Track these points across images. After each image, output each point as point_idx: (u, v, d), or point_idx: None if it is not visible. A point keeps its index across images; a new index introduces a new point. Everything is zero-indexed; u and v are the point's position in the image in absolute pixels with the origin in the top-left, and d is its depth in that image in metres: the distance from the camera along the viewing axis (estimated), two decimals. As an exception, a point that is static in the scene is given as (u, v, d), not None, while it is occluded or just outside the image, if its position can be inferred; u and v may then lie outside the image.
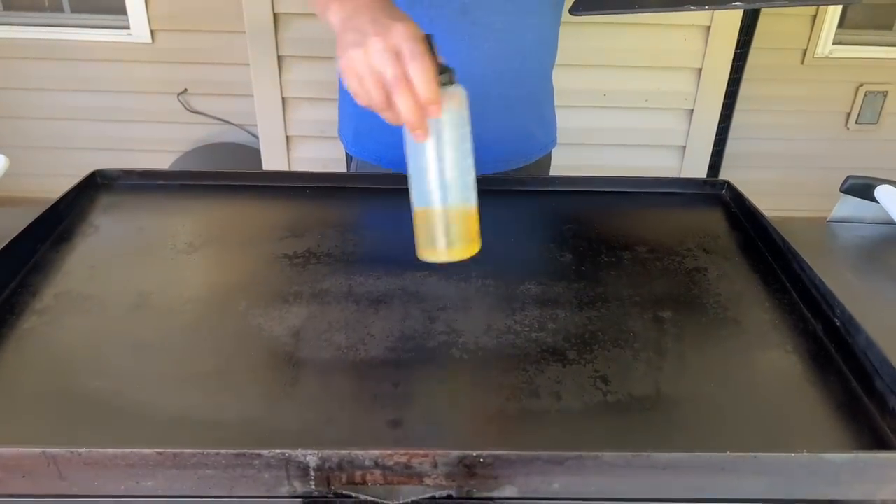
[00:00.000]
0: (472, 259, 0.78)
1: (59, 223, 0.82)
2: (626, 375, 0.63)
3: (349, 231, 0.84)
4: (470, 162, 0.63)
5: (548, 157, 1.14)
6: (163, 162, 2.35)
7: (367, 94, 0.59)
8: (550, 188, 0.94)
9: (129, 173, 0.91)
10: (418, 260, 0.78)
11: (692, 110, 1.99)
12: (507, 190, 0.95)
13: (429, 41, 0.59)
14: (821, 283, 0.70)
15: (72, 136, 2.46)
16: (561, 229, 0.86)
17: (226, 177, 0.93)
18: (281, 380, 0.62)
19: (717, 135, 2.10)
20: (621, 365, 0.64)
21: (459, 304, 0.71)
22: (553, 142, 1.14)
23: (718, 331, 0.69)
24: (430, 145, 0.60)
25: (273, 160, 1.98)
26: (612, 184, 0.95)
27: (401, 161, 0.64)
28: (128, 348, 0.65)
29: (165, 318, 0.68)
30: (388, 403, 0.59)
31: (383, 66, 0.57)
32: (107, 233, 0.82)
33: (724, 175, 2.31)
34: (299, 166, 2.01)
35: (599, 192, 0.94)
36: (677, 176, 2.08)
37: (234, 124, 2.42)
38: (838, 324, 0.67)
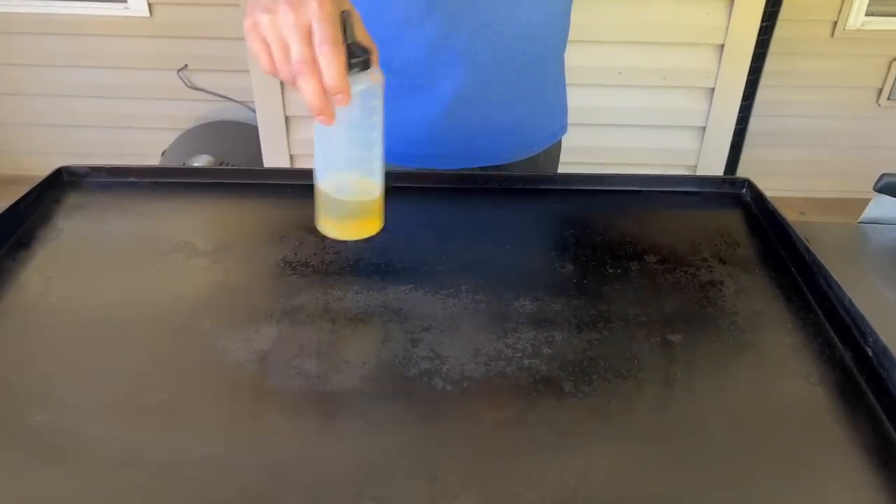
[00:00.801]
0: (464, 270, 0.72)
1: (18, 226, 0.76)
2: (629, 411, 0.56)
3: (331, 237, 0.76)
4: (377, 151, 0.62)
5: (557, 145, 1.06)
6: (163, 140, 2.29)
7: (270, 64, 0.55)
8: (551, 187, 0.86)
9: (97, 170, 0.84)
10: (404, 272, 0.71)
11: (713, 89, 1.89)
12: (503, 189, 0.87)
13: (344, 20, 0.54)
14: (851, 304, 0.62)
15: (69, 113, 2.40)
16: (562, 235, 0.79)
17: (199, 174, 0.86)
18: (243, 414, 0.56)
19: (739, 113, 1.99)
20: (623, 398, 0.58)
21: (445, 324, 0.65)
22: (563, 128, 1.05)
23: (734, 358, 0.62)
24: (333, 128, 0.57)
25: (272, 141, 1.91)
26: (620, 182, 0.87)
27: None
28: (78, 375, 0.59)
29: (123, 339, 0.62)
30: (360, 443, 0.53)
31: (291, 41, 0.53)
32: (70, 237, 0.76)
33: (746, 155, 2.20)
34: (299, 149, 1.93)
35: (606, 191, 0.86)
36: (695, 161, 1.99)
37: (235, 101, 2.34)
38: (870, 353, 0.59)
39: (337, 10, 0.54)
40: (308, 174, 0.87)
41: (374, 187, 0.64)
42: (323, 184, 0.64)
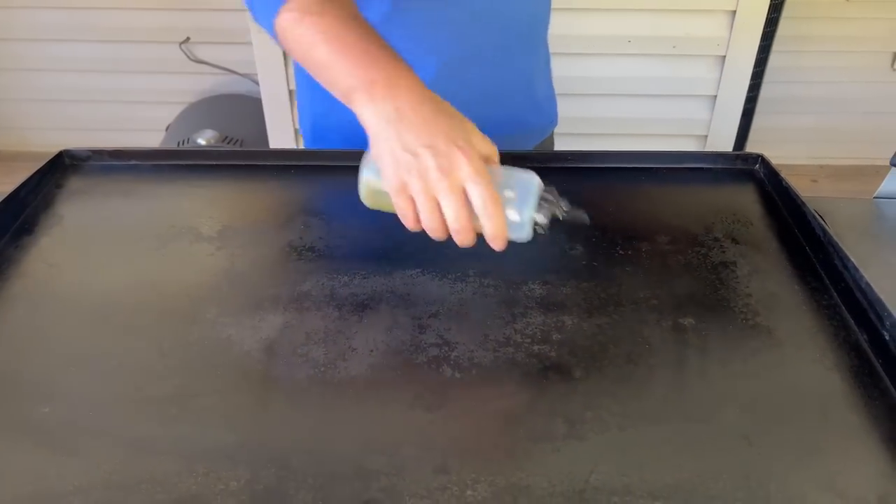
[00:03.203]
0: (471, 254, 0.70)
1: (20, 213, 0.75)
2: (640, 397, 0.56)
3: (336, 219, 0.76)
4: None
5: (548, 140, 1.01)
6: (167, 114, 2.27)
7: (417, 224, 0.57)
8: (559, 165, 0.84)
9: (98, 153, 0.83)
10: (410, 255, 0.70)
11: (724, 57, 1.84)
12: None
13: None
14: (868, 287, 0.61)
15: (70, 88, 2.38)
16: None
17: (202, 156, 0.85)
18: (250, 404, 0.55)
19: (750, 80, 1.95)
20: (634, 385, 0.57)
21: (453, 310, 0.64)
22: (552, 122, 0.99)
23: (747, 342, 0.61)
24: None
25: (276, 116, 1.89)
26: (629, 159, 0.85)
27: None
28: (84, 365, 0.58)
29: (128, 328, 0.62)
30: (367, 433, 0.52)
31: (447, 208, 0.54)
32: (72, 223, 0.75)
33: (757, 122, 2.16)
34: (304, 122, 1.91)
35: (615, 168, 0.84)
36: (705, 130, 1.95)
37: (239, 74, 2.31)
38: (887, 337, 0.58)
39: (482, 158, 0.55)
40: (313, 155, 0.86)
41: None
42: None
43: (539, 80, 0.94)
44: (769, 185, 0.82)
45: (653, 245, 0.72)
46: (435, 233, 0.56)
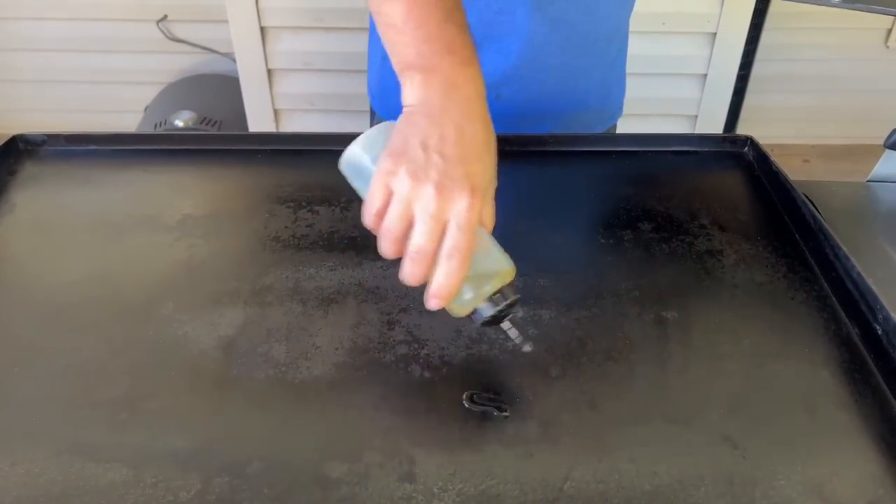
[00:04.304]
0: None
1: (-31, 201, 0.71)
2: (619, 397, 0.53)
3: (303, 207, 0.72)
4: None
5: (612, 128, 0.96)
6: (145, 94, 2.20)
7: (377, 219, 0.49)
8: (538, 148, 0.81)
9: (54, 137, 0.79)
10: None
11: (715, 34, 1.80)
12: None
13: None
14: (860, 277, 0.58)
15: (45, 68, 2.31)
16: (551, 200, 0.74)
17: (162, 140, 0.80)
18: (204, 408, 0.52)
19: (742, 58, 1.90)
20: (613, 384, 0.54)
21: (424, 304, 0.60)
22: (618, 112, 0.95)
23: (733, 337, 0.58)
24: None
25: (254, 96, 1.83)
26: (611, 143, 0.82)
27: None
28: (29, 365, 0.55)
29: (77, 325, 0.58)
30: (330, 438, 0.49)
31: (419, 227, 0.47)
32: (24, 212, 0.71)
33: (748, 101, 2.12)
34: (284, 103, 1.86)
35: (596, 151, 0.81)
36: (696, 110, 1.91)
37: (218, 53, 2.25)
38: (879, 332, 0.55)
39: (479, 218, 0.48)
40: (281, 139, 0.82)
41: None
42: None
43: (614, 69, 0.90)
44: (758, 168, 0.79)
45: (635, 233, 0.69)
46: (388, 242, 0.49)
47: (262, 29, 1.74)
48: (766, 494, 0.46)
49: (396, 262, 0.64)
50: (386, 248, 0.49)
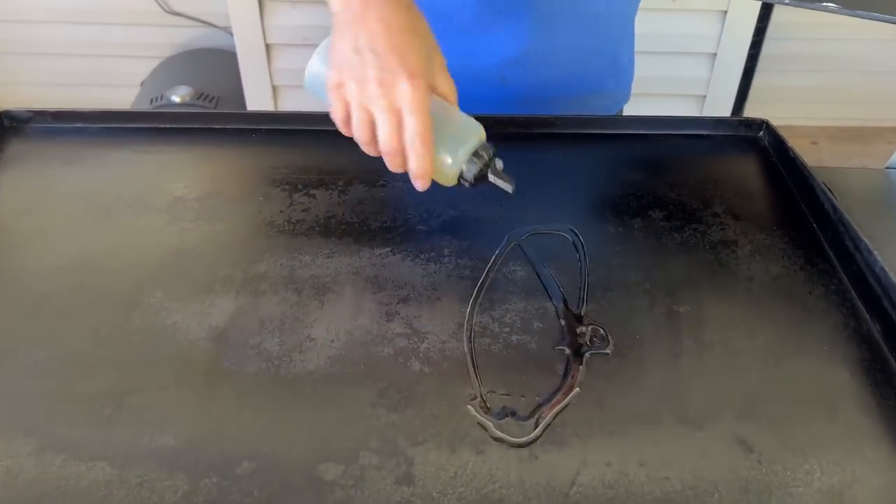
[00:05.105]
0: (447, 230, 0.64)
1: (-49, 181, 0.68)
2: (629, 396, 0.50)
3: (299, 190, 0.69)
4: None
5: (620, 112, 0.93)
6: (141, 69, 2.16)
7: (346, 127, 0.55)
8: (545, 131, 0.77)
9: (41, 114, 0.75)
10: (380, 232, 0.64)
11: (725, 12, 1.75)
12: (491, 135, 0.78)
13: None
14: (882, 271, 0.55)
15: (39, 40, 2.26)
16: (559, 187, 0.71)
17: (152, 118, 0.77)
18: (192, 403, 0.49)
19: (752, 37, 1.86)
20: (623, 382, 0.51)
21: (425, 295, 0.58)
22: (625, 97, 0.92)
23: (747, 333, 0.55)
24: None
25: (252, 72, 1.79)
26: (621, 125, 0.78)
27: None
28: (10, 356, 0.52)
29: (62, 314, 0.56)
30: (323, 437, 0.47)
31: (380, 126, 0.52)
32: (8, 193, 0.68)
33: (758, 81, 2.08)
34: (283, 79, 1.82)
35: (605, 134, 0.77)
36: (704, 90, 1.87)
37: (217, 27, 2.20)
38: (903, 330, 0.52)
39: (428, 92, 0.52)
40: (277, 118, 0.78)
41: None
42: None
43: (622, 51, 0.87)
44: (773, 154, 0.75)
45: (647, 221, 0.66)
46: (365, 146, 0.54)
47: (261, 2, 1.69)
48: (782, 502, 0.44)
49: (399, 248, 0.62)
50: (367, 151, 0.55)
